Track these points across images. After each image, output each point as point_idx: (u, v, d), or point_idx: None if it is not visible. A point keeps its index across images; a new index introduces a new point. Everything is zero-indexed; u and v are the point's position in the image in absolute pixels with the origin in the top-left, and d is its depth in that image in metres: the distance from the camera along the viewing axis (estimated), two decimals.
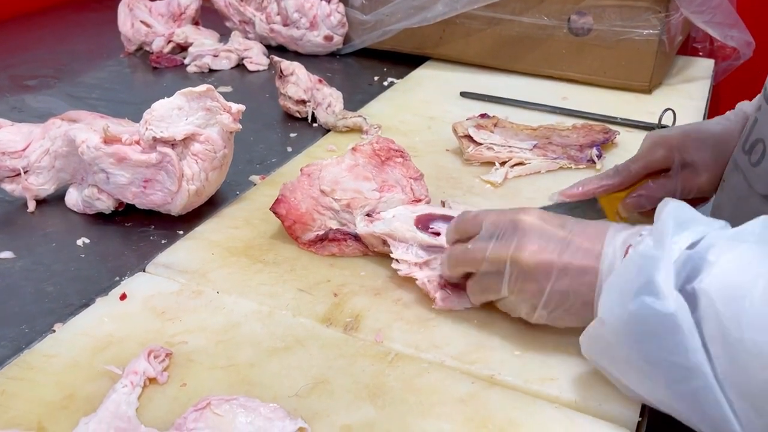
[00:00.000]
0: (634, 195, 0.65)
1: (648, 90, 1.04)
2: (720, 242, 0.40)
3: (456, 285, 0.57)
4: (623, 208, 0.66)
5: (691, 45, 1.28)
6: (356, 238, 0.64)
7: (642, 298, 0.41)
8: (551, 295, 0.48)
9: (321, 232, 0.64)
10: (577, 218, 0.50)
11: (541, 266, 0.48)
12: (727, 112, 0.67)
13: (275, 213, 0.64)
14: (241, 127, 0.69)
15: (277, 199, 0.64)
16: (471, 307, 0.56)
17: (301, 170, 0.66)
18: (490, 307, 0.57)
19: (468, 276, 0.54)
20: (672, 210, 0.44)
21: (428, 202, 0.67)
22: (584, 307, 0.47)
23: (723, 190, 0.62)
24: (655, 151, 0.64)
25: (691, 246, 0.41)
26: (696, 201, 0.66)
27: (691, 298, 0.39)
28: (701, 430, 0.41)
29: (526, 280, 0.48)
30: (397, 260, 0.59)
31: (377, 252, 0.63)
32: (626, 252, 0.45)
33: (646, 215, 0.66)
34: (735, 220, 0.44)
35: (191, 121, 0.66)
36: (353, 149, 0.67)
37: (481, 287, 0.52)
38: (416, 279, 0.58)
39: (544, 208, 0.59)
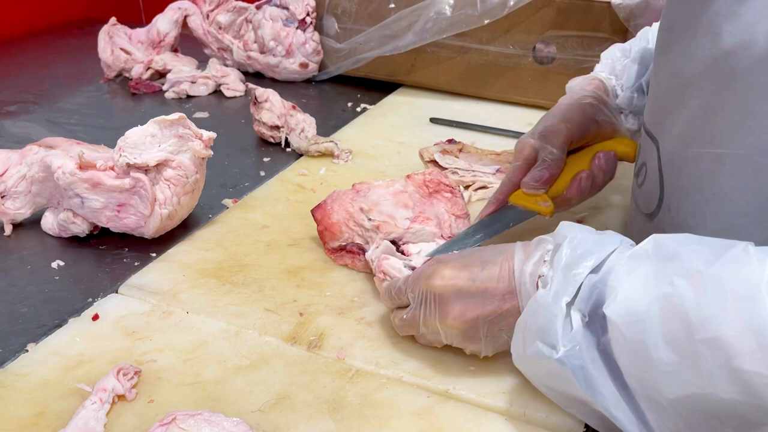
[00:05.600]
0: (530, 173, 0.65)
1: None
2: (618, 267, 0.43)
3: None
4: (526, 189, 0.66)
5: None
6: None
7: (536, 343, 0.46)
8: (487, 342, 0.52)
9: (344, 243, 0.68)
10: (479, 254, 0.53)
11: (468, 324, 0.51)
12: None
13: (313, 215, 0.69)
14: (212, 153, 0.71)
15: (319, 204, 0.69)
16: None
17: (353, 185, 0.69)
18: None
19: None
20: (568, 243, 0.47)
21: None
22: None
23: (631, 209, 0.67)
24: (523, 148, 0.67)
25: (596, 269, 0.44)
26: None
27: (602, 322, 0.43)
28: None
29: (461, 337, 0.53)
30: None
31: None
32: (537, 284, 0.48)
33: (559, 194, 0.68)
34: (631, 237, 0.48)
35: (164, 148, 0.69)
36: (408, 176, 0.69)
37: (427, 341, 0.56)
38: None
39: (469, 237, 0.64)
